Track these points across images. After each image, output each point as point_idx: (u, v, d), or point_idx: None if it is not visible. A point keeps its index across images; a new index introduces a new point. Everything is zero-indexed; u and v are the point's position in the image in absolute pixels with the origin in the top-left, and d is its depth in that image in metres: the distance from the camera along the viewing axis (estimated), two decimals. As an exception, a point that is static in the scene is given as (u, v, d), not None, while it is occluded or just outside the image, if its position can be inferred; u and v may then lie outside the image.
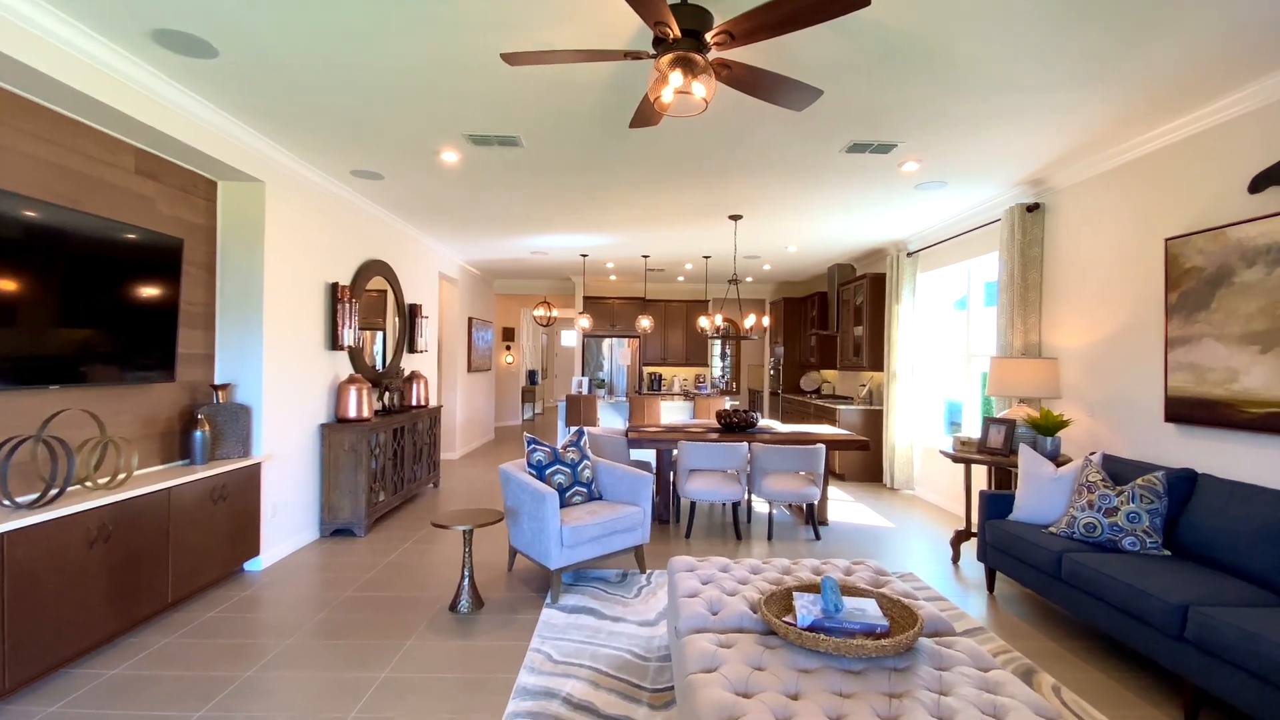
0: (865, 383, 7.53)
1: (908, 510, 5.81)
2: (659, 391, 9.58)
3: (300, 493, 4.46)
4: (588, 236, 6.64)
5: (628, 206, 5.36)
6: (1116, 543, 3.08)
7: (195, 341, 3.78)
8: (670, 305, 9.42)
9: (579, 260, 7.89)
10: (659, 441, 4.99)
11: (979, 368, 5.66)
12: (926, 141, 3.78)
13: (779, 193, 4.89)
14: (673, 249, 7.29)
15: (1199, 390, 3.27)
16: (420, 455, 5.94)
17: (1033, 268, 4.61)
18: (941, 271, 6.21)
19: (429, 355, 6.92)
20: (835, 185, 4.66)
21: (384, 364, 5.88)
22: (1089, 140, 3.70)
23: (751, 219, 5.71)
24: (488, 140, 3.80)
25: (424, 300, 6.70)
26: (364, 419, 4.85)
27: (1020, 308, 4.61)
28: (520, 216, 5.79)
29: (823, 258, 7.91)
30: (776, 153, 3.99)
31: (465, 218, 5.92)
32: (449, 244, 7.25)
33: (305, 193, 4.44)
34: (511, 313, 12.07)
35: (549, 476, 3.81)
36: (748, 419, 5.31)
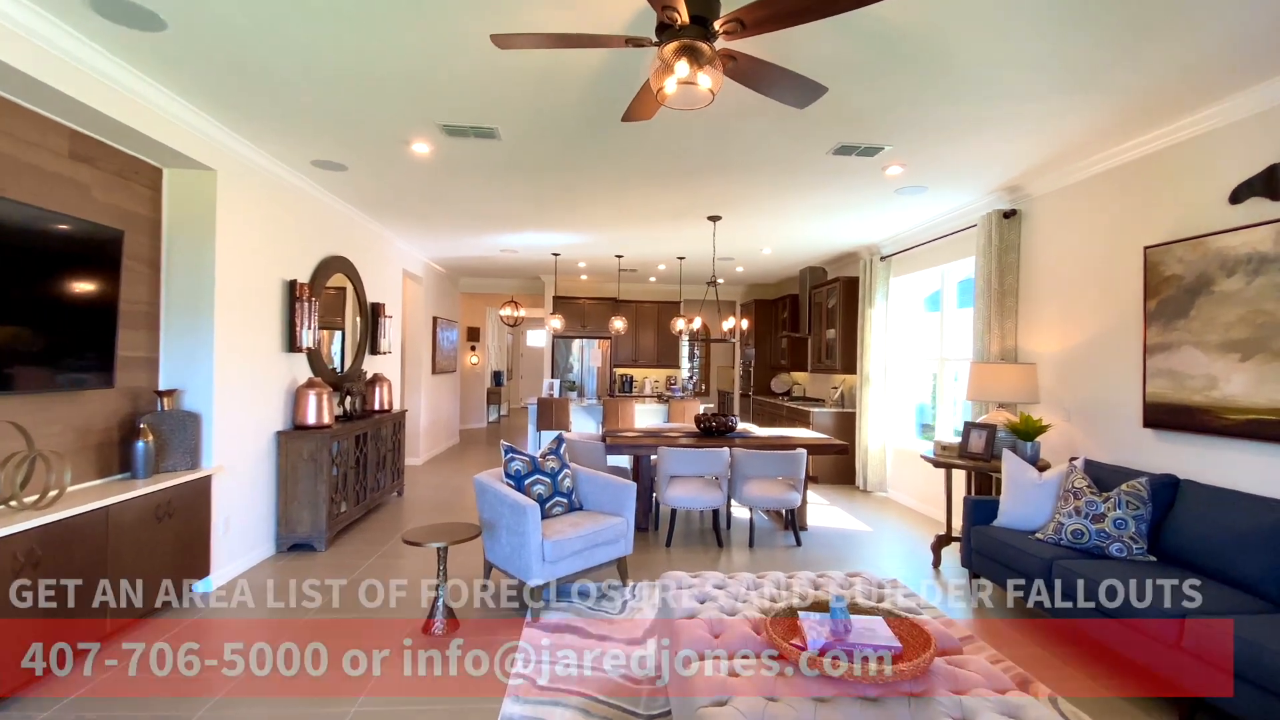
0: (837, 385, 7.55)
1: (882, 513, 5.82)
2: (630, 393, 9.44)
3: (255, 506, 4.15)
4: (561, 235, 6.45)
5: (606, 206, 5.20)
6: (1104, 549, 3.09)
7: (137, 343, 3.46)
8: (642, 306, 9.29)
9: (550, 259, 7.68)
10: (637, 447, 4.85)
11: (953, 371, 5.71)
12: (913, 145, 3.74)
13: (761, 194, 4.81)
14: (648, 249, 7.16)
15: (1178, 396, 3.32)
16: (384, 462, 5.65)
17: (1009, 273, 4.65)
18: (915, 276, 6.26)
19: (392, 357, 6.61)
20: (818, 187, 4.60)
21: (345, 366, 5.57)
22: (1069, 148, 3.73)
23: (730, 220, 5.62)
24: (463, 132, 3.58)
25: (387, 299, 6.40)
26: (324, 425, 4.56)
27: (997, 313, 4.65)
28: (493, 213, 5.57)
29: (795, 260, 7.90)
30: (763, 153, 3.90)
31: (434, 213, 5.66)
32: (414, 241, 6.95)
33: (261, 183, 4.14)
34: (477, 312, 11.75)
35: (528, 487, 3.62)
36: (727, 423, 5.22)
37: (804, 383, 8.87)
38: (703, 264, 7.97)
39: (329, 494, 4.48)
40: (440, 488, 6.57)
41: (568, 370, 9.35)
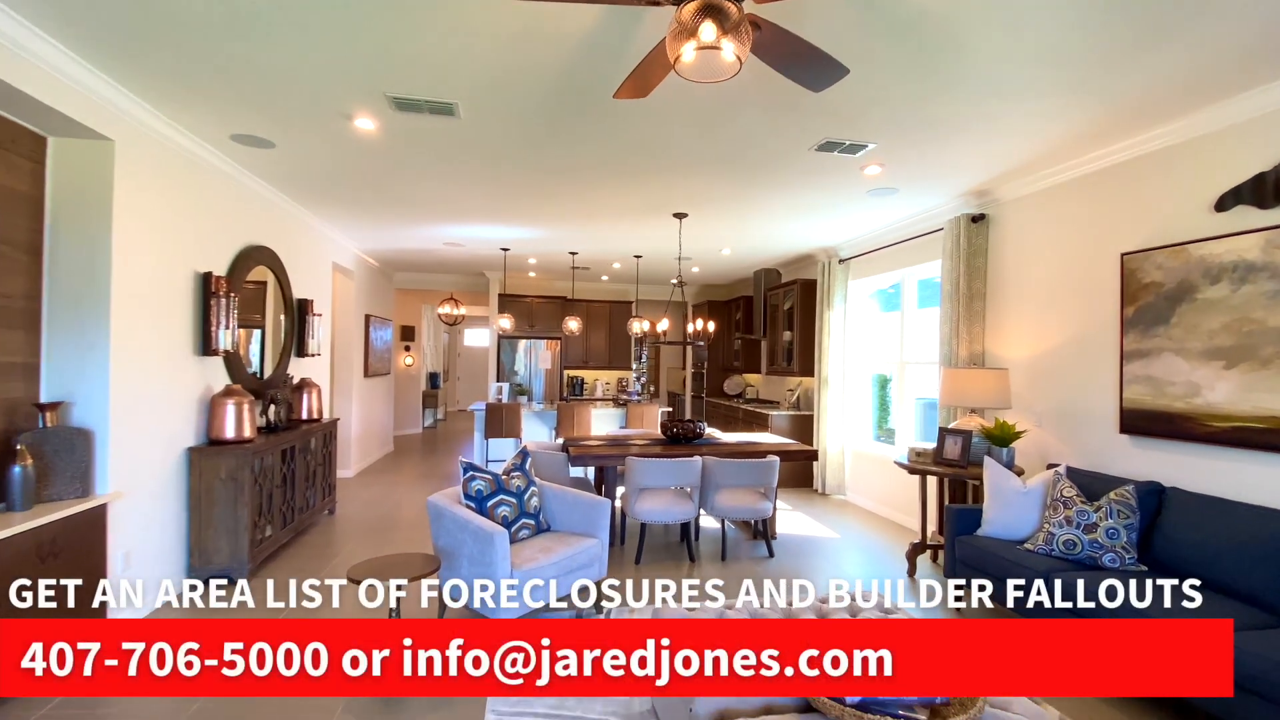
0: (793, 388, 7.48)
1: (844, 518, 5.75)
2: (581, 396, 9.07)
3: (163, 536, 3.56)
4: (515, 229, 6.02)
5: (571, 200, 4.84)
6: (1097, 560, 3.03)
7: (12, 346, 2.84)
8: (593, 305, 8.94)
9: (497, 254, 7.22)
10: (604, 458, 4.53)
11: (913, 374, 5.70)
12: (895, 145, 3.61)
13: (733, 192, 4.59)
14: (605, 246, 6.84)
15: (1158, 403, 3.32)
16: (314, 478, 5.07)
17: (977, 278, 4.64)
18: (875, 279, 6.23)
19: (321, 359, 5.99)
20: (792, 187, 4.43)
21: (268, 371, 4.95)
22: (1047, 152, 3.70)
23: (696, 219, 5.38)
24: (416, 106, 3.16)
25: (316, 295, 5.78)
26: (245, 440, 3.98)
27: (965, 317, 4.62)
28: (442, 202, 5.09)
29: (752, 262, 7.78)
30: (745, 147, 3.67)
31: (375, 201, 5.12)
32: (347, 230, 6.34)
33: (171, 159, 3.54)
34: (412, 310, 11.04)
35: (491, 509, 3.24)
36: (695, 429, 4.98)
37: (757, 385, 8.79)
38: (660, 263, 7.73)
39: (251, 518, 3.91)
40: (376, 503, 6.01)
41: (514, 373, 8.88)
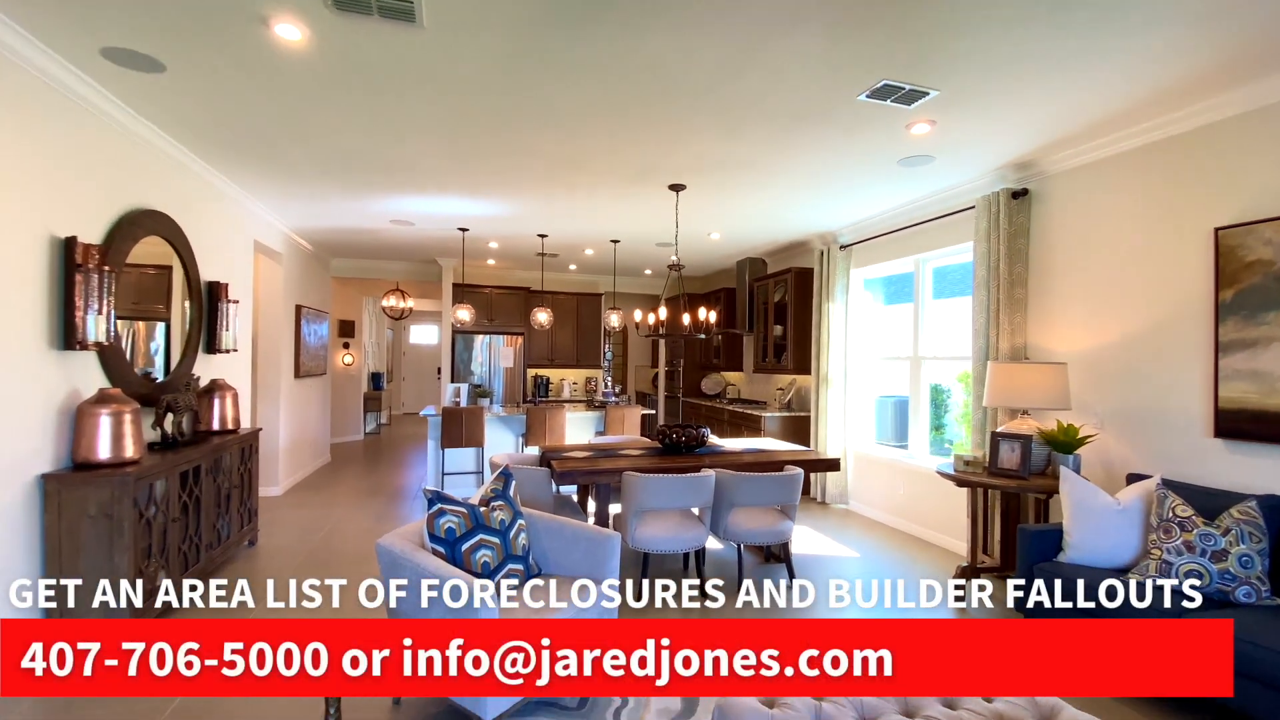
0: (784, 387, 6.87)
1: (853, 532, 5.15)
2: (547, 398, 8.20)
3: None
4: (477, 201, 5.13)
5: (549, 157, 4.01)
6: (1228, 594, 2.48)
7: None
8: (559, 298, 8.08)
9: (454, 236, 6.29)
10: (595, 474, 3.73)
11: (931, 371, 5.16)
12: (958, 96, 3.01)
13: (747, 155, 3.88)
14: (580, 227, 6.02)
15: (1268, 402, 2.81)
16: (227, 504, 4.07)
17: (1018, 261, 4.09)
18: (881, 267, 5.67)
19: (239, 356, 4.95)
20: (820, 148, 3.76)
21: (166, 371, 3.93)
22: (1131, 108, 3.15)
23: (693, 192, 4.65)
24: (364, 3, 2.30)
25: (232, 279, 4.75)
26: (126, 461, 3.01)
27: (1006, 305, 4.07)
28: (390, 161, 4.16)
29: (738, 250, 7.12)
30: (783, 88, 2.96)
31: (304, 160, 4.15)
32: (272, 201, 5.30)
33: (10, 78, 2.55)
34: (351, 301, 9.92)
35: (468, 554, 2.41)
36: (698, 436, 4.25)
37: (739, 384, 8.15)
38: (637, 250, 6.97)
39: (134, 564, 2.94)
40: (310, 529, 5.01)
41: (471, 372, 7.94)
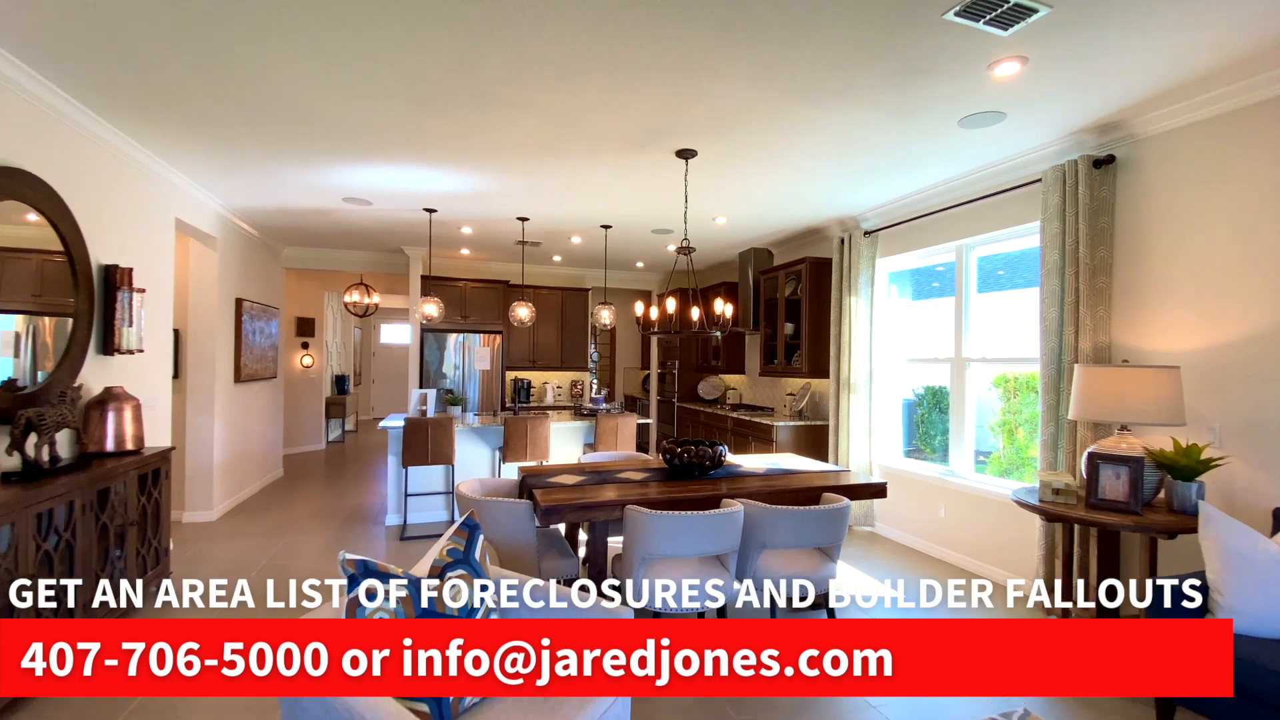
0: (795, 392, 6.13)
1: (885, 560, 4.43)
2: (528, 403, 7.38)
3: None
4: (445, 172, 4.29)
5: (534, 109, 3.21)
6: None
7: None
8: (541, 293, 7.25)
9: (420, 219, 5.45)
10: (591, 508, 2.94)
11: (975, 375, 4.45)
12: (1068, 19, 2.29)
13: (778, 108, 3.12)
14: (566, 209, 5.22)
15: None
16: (121, 544, 3.21)
17: (1101, 243, 3.39)
18: (913, 256, 4.95)
19: (149, 358, 4.08)
20: (874, 102, 3.00)
21: (36, 378, 3.06)
22: (1257, 49, 2.45)
23: (704, 162, 3.88)
24: None
25: (141, 263, 3.87)
26: (-59, 506, 2.15)
27: (1088, 297, 3.37)
28: (332, 112, 3.32)
29: (741, 239, 6.37)
30: (841, 7, 2.21)
31: (226, 114, 3.29)
32: (197, 173, 4.42)
33: None
34: (310, 296, 8.99)
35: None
36: (714, 455, 3.47)
37: (740, 388, 7.41)
38: (631, 238, 6.18)
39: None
40: (240, 565, 4.15)
41: (442, 375, 7.08)
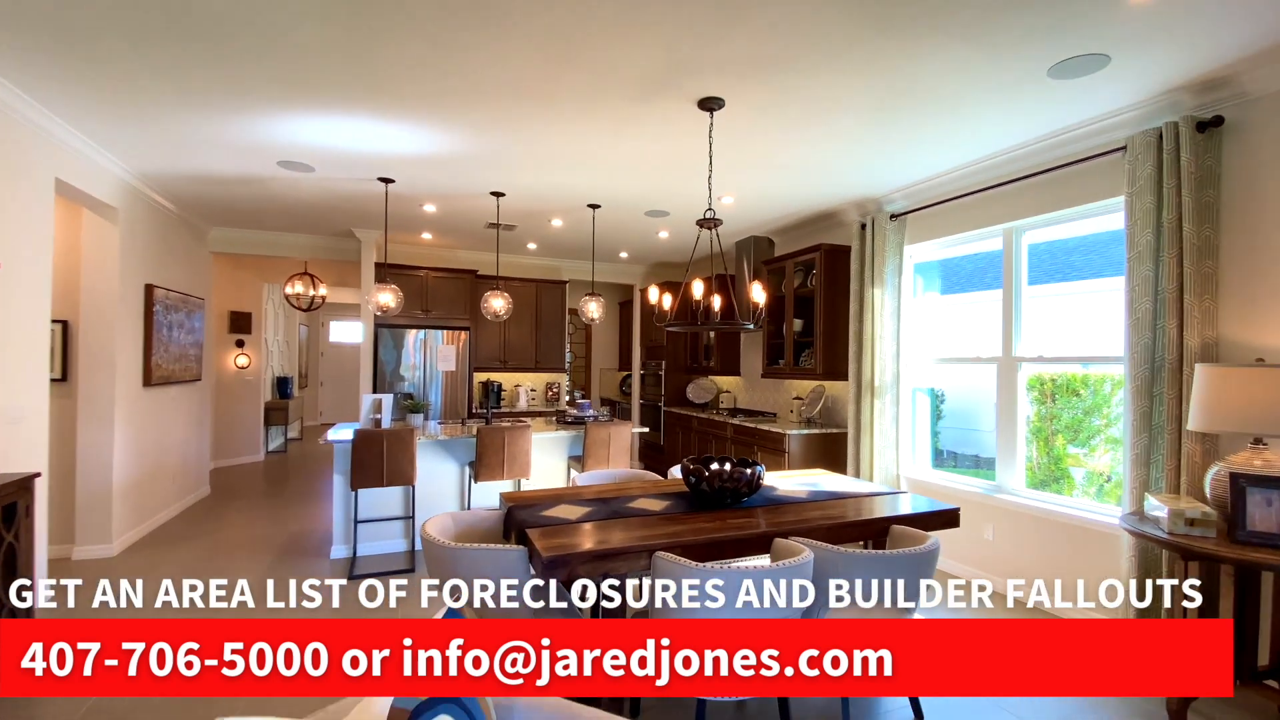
0: (804, 395, 5.51)
1: (936, 593, 3.83)
2: (499, 408, 6.56)
3: None
4: (405, 126, 3.47)
5: (522, 38, 2.46)
6: None
7: None
8: (514, 285, 6.44)
9: (374, 191, 4.60)
10: (607, 559, 2.20)
11: (1027, 376, 3.89)
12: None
13: (854, 34, 2.44)
14: (550, 183, 4.44)
15: None
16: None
17: (1206, 221, 2.85)
18: (949, 241, 4.37)
19: (14, 356, 3.16)
20: (983, 23, 2.37)
21: None
22: None
23: (732, 114, 3.18)
24: None
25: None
26: None
27: (1195, 284, 2.82)
28: (257, 33, 2.49)
29: (745, 225, 5.70)
30: None
31: (98, 24, 2.42)
32: (78, 119, 3.48)
33: None
34: (246, 287, 7.97)
35: None
36: (751, 478, 2.77)
37: (735, 390, 6.76)
38: (621, 223, 5.45)
39: None
40: (135, 613, 3.24)
41: (400, 378, 6.21)
